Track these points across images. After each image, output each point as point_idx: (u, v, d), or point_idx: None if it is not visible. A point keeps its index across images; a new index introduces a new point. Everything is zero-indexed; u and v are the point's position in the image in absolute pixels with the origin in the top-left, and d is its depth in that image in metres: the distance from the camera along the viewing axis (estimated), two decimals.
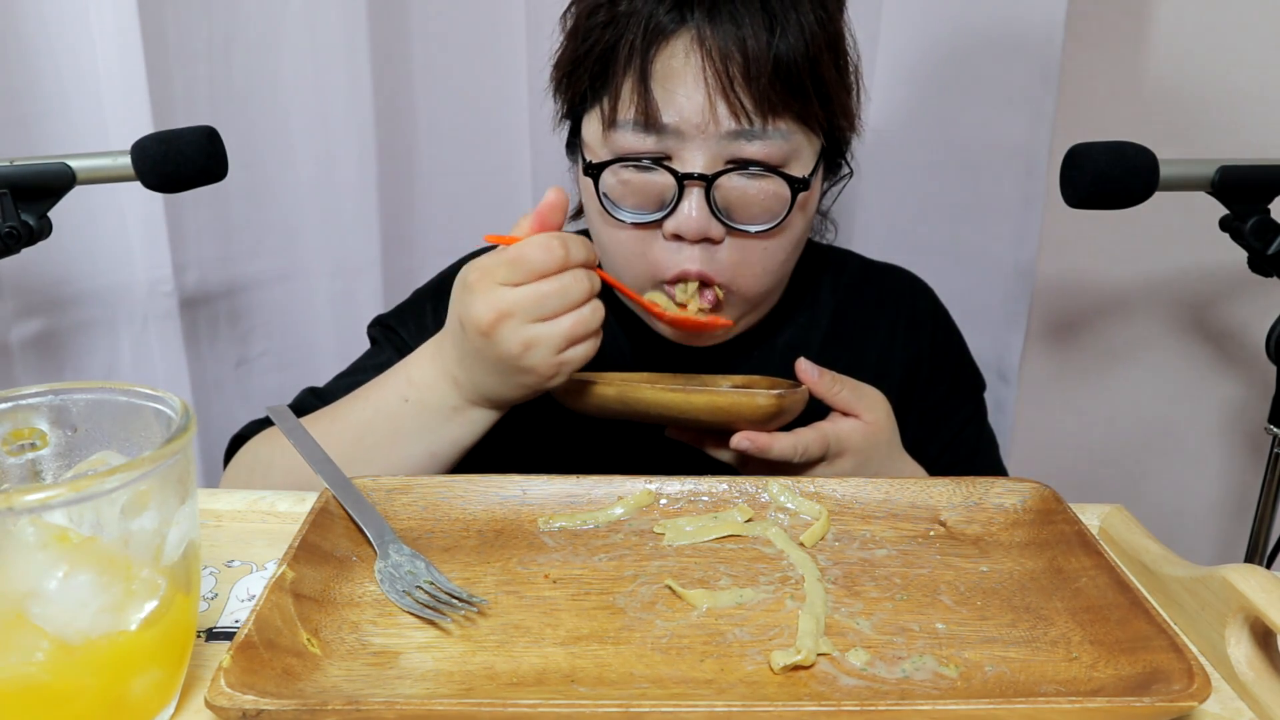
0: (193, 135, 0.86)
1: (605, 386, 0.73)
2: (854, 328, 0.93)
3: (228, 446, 0.87)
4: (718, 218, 0.75)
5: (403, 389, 0.75)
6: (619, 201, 0.77)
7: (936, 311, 0.97)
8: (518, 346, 0.67)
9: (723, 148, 0.74)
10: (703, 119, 0.73)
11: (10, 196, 0.83)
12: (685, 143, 0.74)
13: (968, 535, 0.62)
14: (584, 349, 0.69)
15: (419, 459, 0.74)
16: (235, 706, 0.42)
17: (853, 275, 0.96)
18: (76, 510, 0.40)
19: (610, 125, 0.76)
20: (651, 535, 0.61)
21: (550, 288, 0.67)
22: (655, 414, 0.73)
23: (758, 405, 0.71)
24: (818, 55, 0.74)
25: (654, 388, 0.72)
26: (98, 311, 1.09)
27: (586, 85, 0.78)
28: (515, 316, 0.67)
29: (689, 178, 0.74)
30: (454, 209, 1.22)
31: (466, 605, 0.53)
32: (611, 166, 0.76)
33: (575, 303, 0.68)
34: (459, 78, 1.17)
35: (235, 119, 1.06)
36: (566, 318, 0.68)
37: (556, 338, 0.68)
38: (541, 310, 0.67)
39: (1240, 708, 0.47)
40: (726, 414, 0.72)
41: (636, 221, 0.77)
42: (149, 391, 0.47)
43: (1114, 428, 1.32)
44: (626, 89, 0.75)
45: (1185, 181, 0.87)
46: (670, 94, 0.73)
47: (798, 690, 0.47)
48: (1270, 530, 1.01)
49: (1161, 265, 1.24)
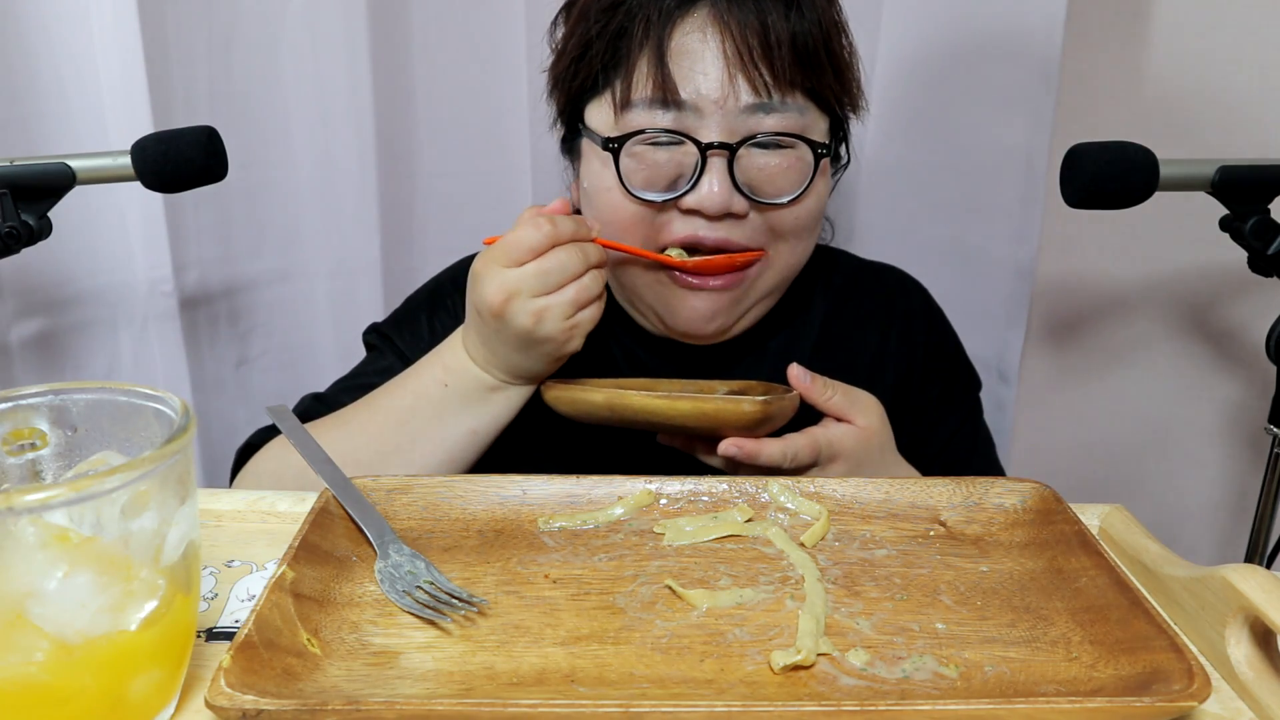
0: (193, 135, 0.86)
1: (594, 393, 0.74)
2: (847, 329, 0.93)
3: (236, 457, 0.87)
4: (740, 192, 0.76)
5: (440, 375, 0.78)
6: (632, 179, 0.78)
7: (930, 310, 0.97)
8: (530, 319, 0.71)
9: (740, 123, 0.75)
10: (721, 93, 0.74)
11: (10, 196, 0.83)
12: (703, 119, 0.75)
13: (968, 535, 0.62)
14: (591, 311, 0.74)
15: (462, 437, 0.78)
16: (235, 706, 0.42)
17: (845, 276, 0.96)
18: (77, 510, 0.40)
19: (625, 106, 0.77)
20: (651, 535, 0.61)
21: (549, 263, 0.71)
22: (643, 421, 0.74)
23: (743, 412, 0.71)
24: (830, 31, 0.76)
25: (640, 395, 0.73)
26: (98, 311, 1.09)
27: (598, 69, 0.78)
28: (522, 293, 0.71)
29: (711, 147, 0.75)
30: (454, 209, 1.22)
31: (466, 605, 0.53)
32: (628, 143, 0.77)
33: (575, 273, 0.72)
34: (459, 78, 1.17)
35: (235, 119, 1.06)
36: (570, 287, 0.72)
37: (564, 305, 0.72)
38: (545, 284, 0.71)
39: (1240, 708, 0.47)
40: (712, 420, 0.72)
41: (656, 200, 0.77)
42: (149, 391, 0.47)
43: (1114, 428, 1.32)
44: (641, 68, 0.76)
45: (1185, 181, 0.87)
46: (687, 70, 0.75)
47: (798, 690, 0.47)
48: (1270, 530, 1.01)
49: (1161, 265, 1.23)
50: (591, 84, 0.80)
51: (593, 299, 0.73)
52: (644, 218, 0.78)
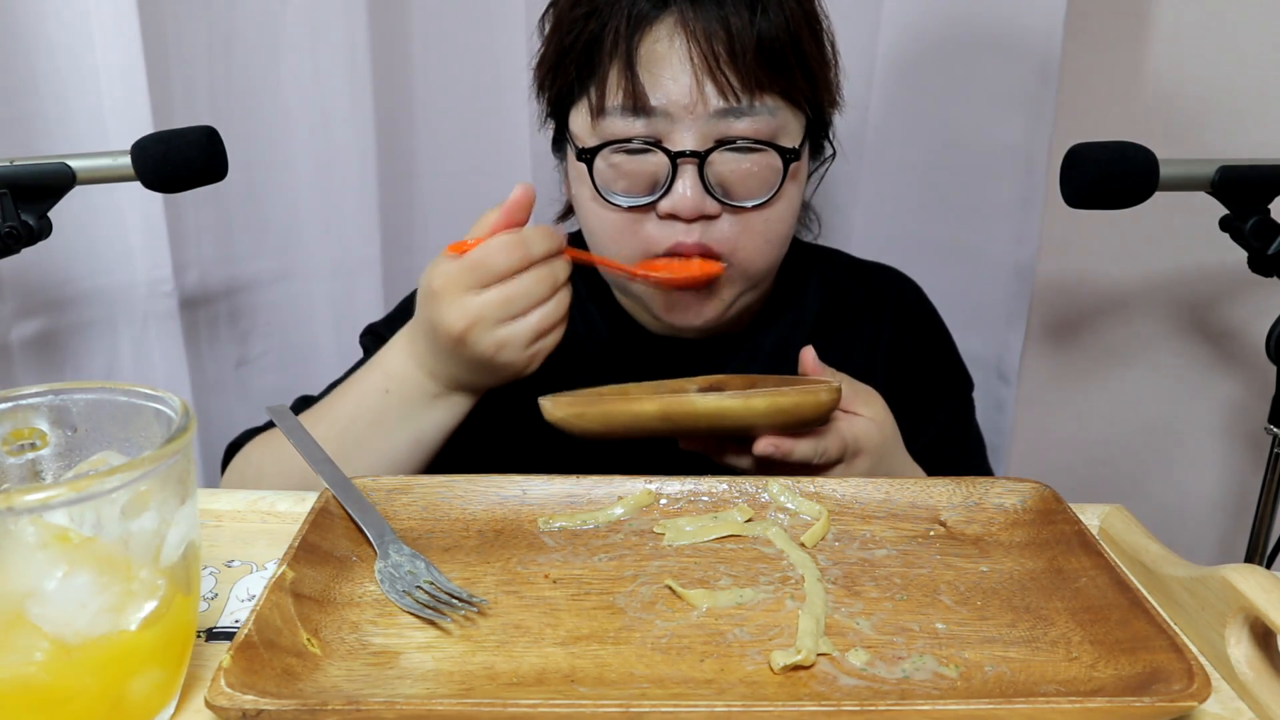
0: (193, 135, 0.86)
1: (646, 402, 0.69)
2: (840, 327, 0.93)
3: (224, 455, 0.87)
4: (712, 195, 0.76)
5: (381, 382, 0.77)
6: (611, 186, 0.78)
7: (923, 308, 0.97)
8: (491, 348, 0.70)
9: (711, 127, 0.76)
10: (690, 99, 0.75)
11: (10, 196, 0.83)
12: (674, 124, 0.75)
13: (968, 535, 0.62)
14: (552, 338, 0.72)
15: (405, 446, 0.76)
16: (235, 706, 0.42)
17: (839, 274, 0.96)
18: (77, 510, 0.40)
19: (599, 113, 0.77)
20: (651, 535, 0.61)
21: (515, 290, 0.69)
22: (704, 425, 0.69)
23: (820, 401, 0.68)
24: (798, 31, 0.76)
25: (709, 398, 0.68)
26: (98, 311, 1.09)
27: (573, 77, 0.79)
28: (485, 320, 0.69)
29: (681, 155, 0.75)
30: (454, 209, 1.22)
31: (466, 605, 0.53)
32: (603, 152, 0.77)
33: (541, 299, 0.70)
34: (459, 78, 1.17)
35: (235, 119, 1.06)
36: (534, 313, 0.70)
37: (526, 333, 0.70)
38: (509, 311, 0.69)
39: (1240, 708, 0.47)
40: (788, 415, 0.68)
41: (630, 205, 0.78)
42: (149, 391, 0.47)
43: (1114, 428, 1.32)
44: (613, 76, 0.76)
45: (1185, 181, 0.87)
46: (656, 77, 0.75)
47: (798, 690, 0.47)
48: (1270, 530, 1.01)
49: (1161, 265, 1.23)
50: (568, 90, 0.80)
51: (556, 324, 0.71)
52: (626, 225, 0.79)
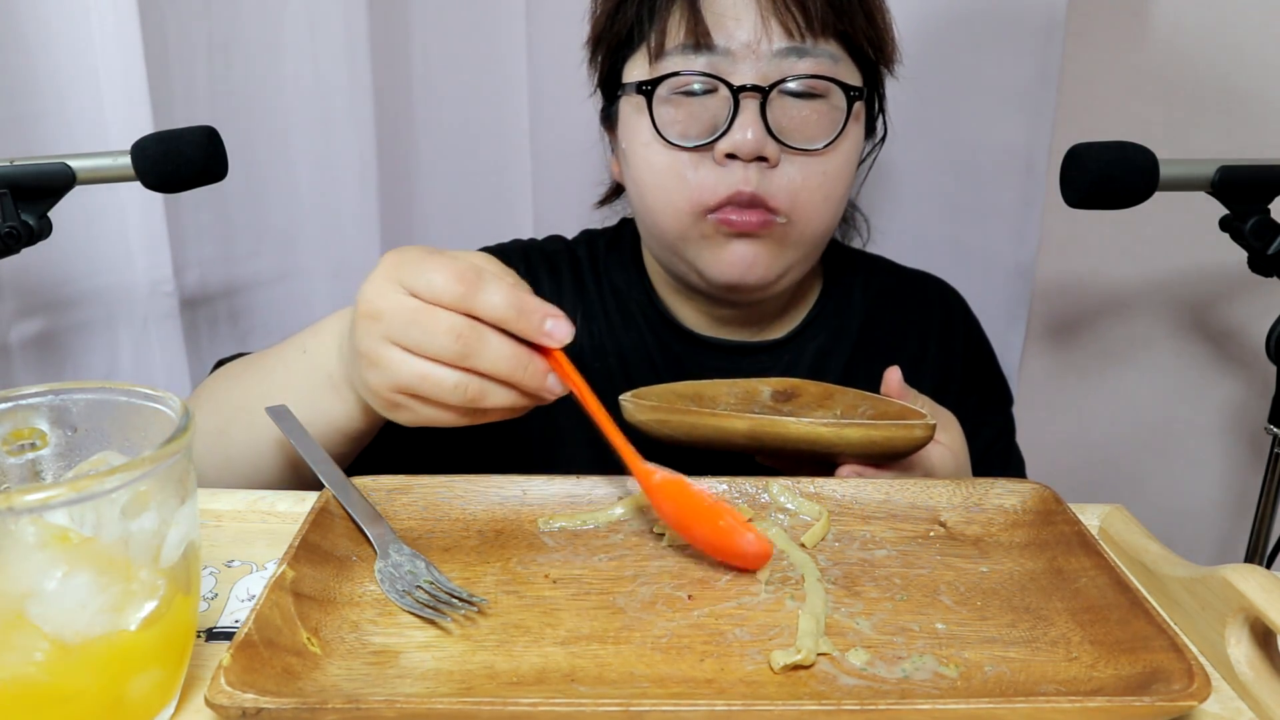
0: (193, 135, 0.86)
1: (735, 420, 0.67)
2: (886, 334, 0.92)
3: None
4: (773, 136, 0.76)
5: (306, 338, 0.70)
6: (671, 128, 0.78)
7: (969, 321, 0.97)
8: (366, 352, 0.59)
9: (773, 66, 0.76)
10: (753, 37, 0.75)
11: (10, 196, 0.83)
12: (736, 63, 0.76)
13: (968, 536, 0.62)
14: (433, 413, 0.59)
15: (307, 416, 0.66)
16: (235, 705, 0.42)
17: (884, 280, 0.96)
18: (77, 510, 0.40)
19: (659, 55, 0.78)
20: (651, 535, 0.61)
21: (421, 318, 0.56)
22: (791, 448, 0.67)
23: (915, 438, 0.67)
24: None
25: (801, 423, 0.66)
26: (98, 311, 1.09)
27: (633, 22, 0.79)
28: (380, 323, 0.57)
29: (743, 90, 0.75)
30: (454, 209, 1.22)
31: (466, 605, 0.53)
32: (661, 93, 0.77)
33: (439, 353, 0.56)
34: (459, 78, 1.17)
35: (235, 119, 1.06)
36: (419, 363, 0.56)
37: (400, 374, 0.57)
38: (403, 336, 0.57)
39: (1240, 708, 0.47)
40: (881, 448, 0.67)
41: (689, 146, 0.77)
42: (149, 391, 0.47)
43: (1114, 428, 1.32)
44: (675, 16, 0.77)
45: (1185, 181, 0.87)
46: (719, 16, 0.76)
47: (798, 690, 0.47)
48: (1270, 530, 1.01)
49: (1161, 265, 1.23)
50: (628, 38, 0.81)
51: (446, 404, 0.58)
52: (681, 170, 0.78)
